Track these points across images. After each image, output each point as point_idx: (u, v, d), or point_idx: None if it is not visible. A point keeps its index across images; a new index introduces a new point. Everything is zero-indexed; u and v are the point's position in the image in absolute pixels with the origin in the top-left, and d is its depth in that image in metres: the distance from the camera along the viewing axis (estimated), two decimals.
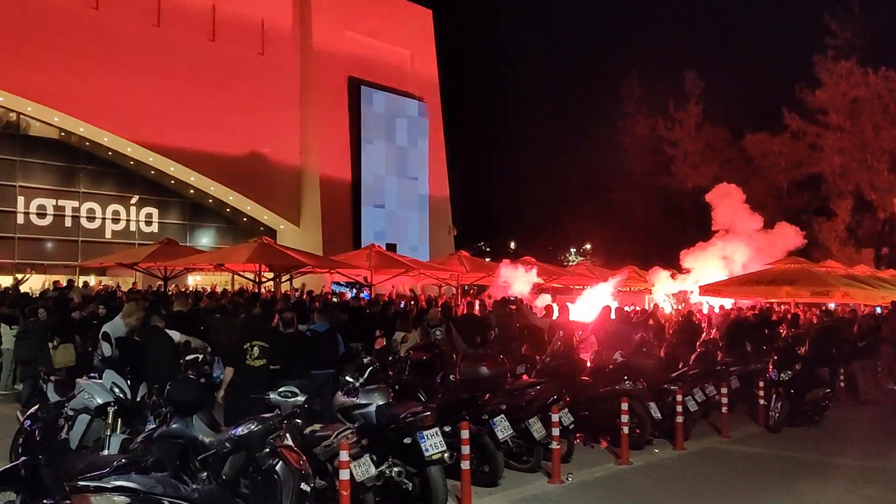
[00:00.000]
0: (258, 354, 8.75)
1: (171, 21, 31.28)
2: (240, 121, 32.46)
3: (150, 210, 33.43)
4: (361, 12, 37.24)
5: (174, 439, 6.93)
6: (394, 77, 39.16)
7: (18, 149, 29.53)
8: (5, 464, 7.40)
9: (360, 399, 8.00)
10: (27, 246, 28.93)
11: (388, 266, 22.19)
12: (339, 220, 35.43)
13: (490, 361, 9.52)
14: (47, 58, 26.96)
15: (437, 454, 7.39)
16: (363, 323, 14.05)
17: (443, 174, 41.47)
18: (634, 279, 25.56)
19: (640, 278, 25.40)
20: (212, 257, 23.36)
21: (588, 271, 27.33)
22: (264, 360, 8.78)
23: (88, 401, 8.24)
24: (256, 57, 34.32)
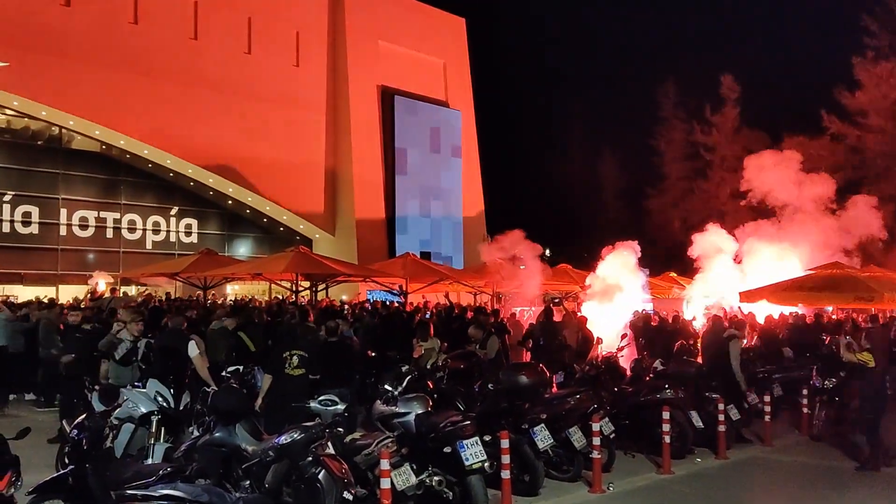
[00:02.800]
0: (297, 363, 8.81)
1: (208, 34, 31.74)
2: (276, 131, 32.79)
3: (190, 221, 33.87)
4: (395, 22, 37.47)
5: (217, 448, 7.00)
6: (427, 86, 39.31)
7: (61, 162, 30.10)
8: (52, 472, 7.53)
9: (400, 408, 8.03)
10: (70, 257, 29.42)
11: (423, 275, 22.23)
12: (374, 229, 35.60)
13: (529, 370, 9.48)
14: (88, 72, 27.49)
15: (477, 463, 7.38)
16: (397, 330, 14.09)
17: (477, 182, 41.49)
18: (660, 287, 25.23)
19: (679, 285, 25.12)
20: (250, 267, 23.59)
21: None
22: (303, 370, 8.83)
23: (133, 410, 8.35)
24: (291, 68, 34.69)
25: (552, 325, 14.26)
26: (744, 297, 18.35)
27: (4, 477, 5.45)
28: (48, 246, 29.04)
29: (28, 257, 28.49)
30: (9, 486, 5.50)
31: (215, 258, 23.51)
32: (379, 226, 36.11)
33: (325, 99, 35.94)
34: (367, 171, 35.89)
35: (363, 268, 23.79)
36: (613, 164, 55.36)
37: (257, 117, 32.29)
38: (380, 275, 22.09)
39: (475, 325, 12.75)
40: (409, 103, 37.91)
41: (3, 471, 5.49)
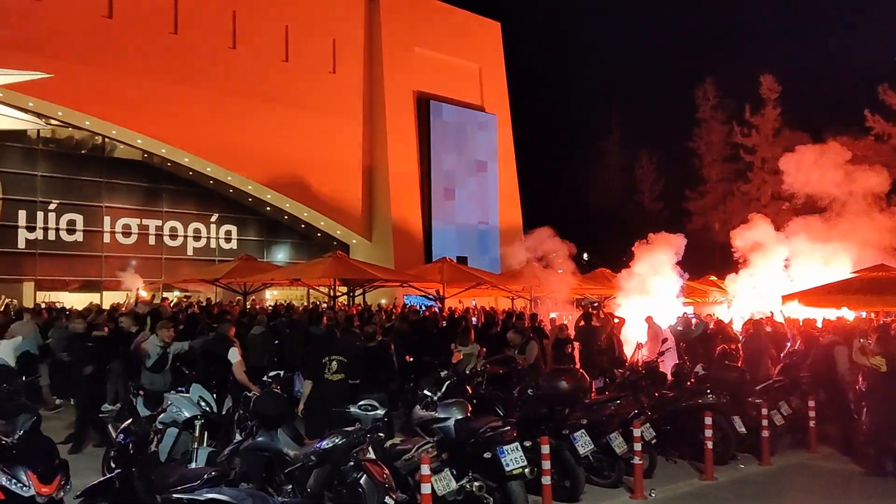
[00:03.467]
0: (336, 369, 8.84)
1: (246, 43, 32.14)
2: (312, 138, 33.09)
3: (229, 227, 34.31)
4: (430, 28, 37.62)
5: (260, 452, 7.07)
6: (463, 91, 39.37)
7: (104, 171, 30.69)
8: (98, 476, 7.66)
9: (439, 413, 8.03)
10: (113, 264, 29.95)
11: (460, 279, 22.23)
12: (411, 234, 35.72)
13: (569, 376, 9.44)
14: (130, 82, 27.99)
15: (517, 469, 7.35)
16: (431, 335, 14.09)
17: (513, 186, 41.42)
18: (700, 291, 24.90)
19: (720, 289, 24.78)
20: (288, 272, 23.79)
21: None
22: (343, 375, 8.86)
23: (177, 414, 8.46)
24: (328, 75, 34.98)
25: (591, 330, 14.16)
26: (787, 300, 18.05)
27: (54, 481, 5.57)
28: (93, 253, 29.59)
29: (73, 264, 29.07)
30: (58, 490, 5.62)
31: (254, 264, 23.78)
32: (415, 231, 36.22)
33: (362, 105, 36.17)
34: (404, 177, 36.03)
35: (400, 273, 23.86)
36: (651, 166, 54.92)
37: (294, 124, 32.62)
38: (416, 280, 22.15)
39: (514, 330, 12.71)
40: (444, 108, 38.00)
41: (53, 475, 5.61)
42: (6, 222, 28.15)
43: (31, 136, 28.91)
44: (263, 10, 32.48)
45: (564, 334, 13.76)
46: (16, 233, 28.39)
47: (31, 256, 28.64)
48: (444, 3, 39.47)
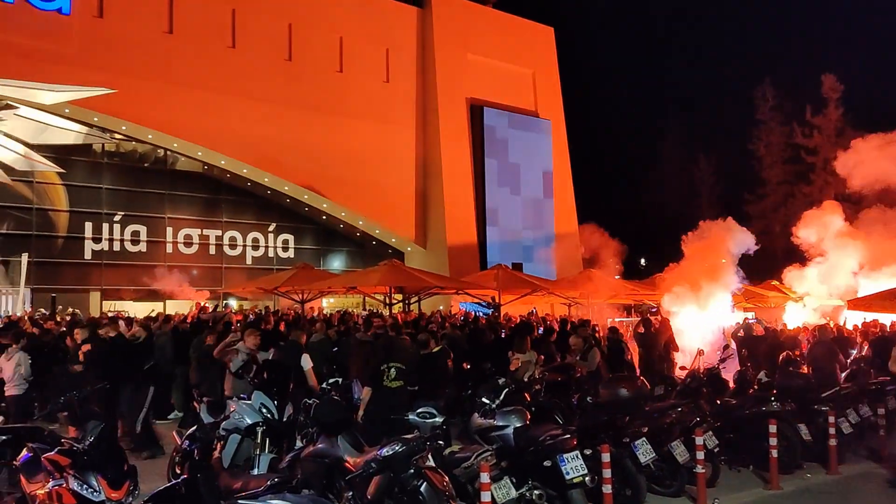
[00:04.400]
0: (395, 376, 8.88)
1: (302, 55, 32.62)
2: (366, 147, 33.38)
3: (287, 236, 34.84)
4: (483, 35, 37.65)
5: (320, 459, 7.13)
6: (516, 97, 39.29)
7: (166, 182, 31.47)
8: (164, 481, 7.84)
9: (498, 421, 8.01)
10: (176, 273, 30.64)
11: (515, 286, 22.15)
12: (465, 241, 35.73)
13: (629, 383, 9.33)
14: (190, 96, 28.64)
15: (578, 477, 7.29)
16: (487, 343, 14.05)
17: (568, 192, 41.14)
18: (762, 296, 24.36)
19: (782, 293, 24.22)
20: (345, 280, 24.03)
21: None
22: (401, 382, 8.90)
23: (239, 421, 8.58)
24: (382, 84, 35.28)
25: (650, 337, 13.97)
26: (852, 305, 17.56)
27: (123, 486, 5.71)
28: (156, 263, 30.31)
29: (137, 274, 29.84)
30: (127, 495, 5.76)
31: (311, 272, 24.09)
32: (470, 237, 36.23)
33: (415, 113, 36.38)
34: (458, 184, 36.10)
35: (455, 280, 23.89)
36: (710, 170, 54.01)
37: (349, 134, 32.97)
38: (472, 287, 22.14)
39: (577, 336, 12.60)
40: (498, 115, 37.96)
41: (122, 480, 5.75)
42: (73, 234, 29.05)
43: (97, 150, 29.80)
44: (318, 22, 32.92)
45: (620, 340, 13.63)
46: (82, 244, 29.29)
47: (97, 267, 29.48)
48: (496, 10, 39.49)
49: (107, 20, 27.64)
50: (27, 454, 6.25)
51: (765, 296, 24.46)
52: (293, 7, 32.22)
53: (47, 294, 27.13)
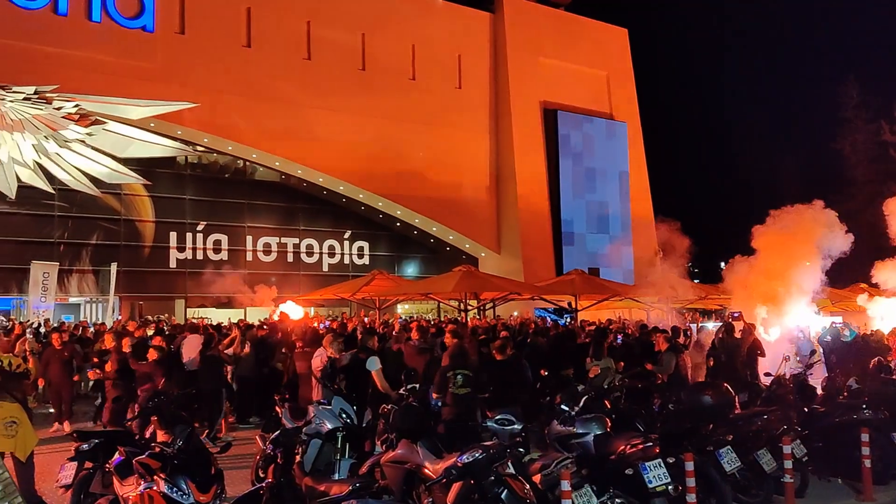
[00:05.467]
0: (462, 383, 8.90)
1: (374, 64, 33.04)
2: (440, 153, 33.58)
3: (362, 244, 35.29)
4: (555, 38, 37.44)
5: (400, 465, 7.17)
6: (590, 99, 38.94)
7: (245, 192, 32.28)
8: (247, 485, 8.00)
9: (577, 428, 7.90)
10: (256, 281, 31.34)
11: (593, 291, 21.89)
12: (540, 246, 35.53)
13: (713, 390, 9.08)
14: (268, 108, 29.34)
15: (661, 486, 7.13)
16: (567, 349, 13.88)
17: (645, 195, 40.51)
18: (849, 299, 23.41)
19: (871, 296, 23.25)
20: (420, 287, 24.13)
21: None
22: (468, 388, 8.91)
23: (319, 426, 8.71)
24: (454, 91, 35.43)
25: (733, 342, 13.59)
26: None
27: (211, 490, 5.85)
28: (237, 271, 31.10)
29: (219, 282, 30.62)
30: (214, 498, 5.90)
31: (387, 279, 24.27)
32: (545, 242, 36.01)
33: (488, 118, 36.40)
34: (532, 188, 35.94)
35: (531, 286, 23.74)
36: (792, 169, 52.42)
37: (422, 141, 33.21)
38: (548, 292, 21.98)
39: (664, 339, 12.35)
40: (572, 118, 37.67)
41: (210, 484, 5.89)
42: (159, 243, 30.04)
43: (180, 161, 30.77)
44: (390, 32, 33.30)
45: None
46: (167, 253, 30.25)
47: (181, 275, 30.40)
48: (568, 13, 39.24)
49: (188, 36, 28.56)
50: (119, 457, 6.47)
51: (851, 298, 23.54)
52: (366, 18, 32.67)
53: (135, 302, 28.13)
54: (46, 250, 26.42)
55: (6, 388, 8.33)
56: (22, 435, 8.11)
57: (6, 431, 7.84)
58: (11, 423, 7.97)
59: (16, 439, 7.98)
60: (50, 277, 23.67)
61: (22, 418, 8.24)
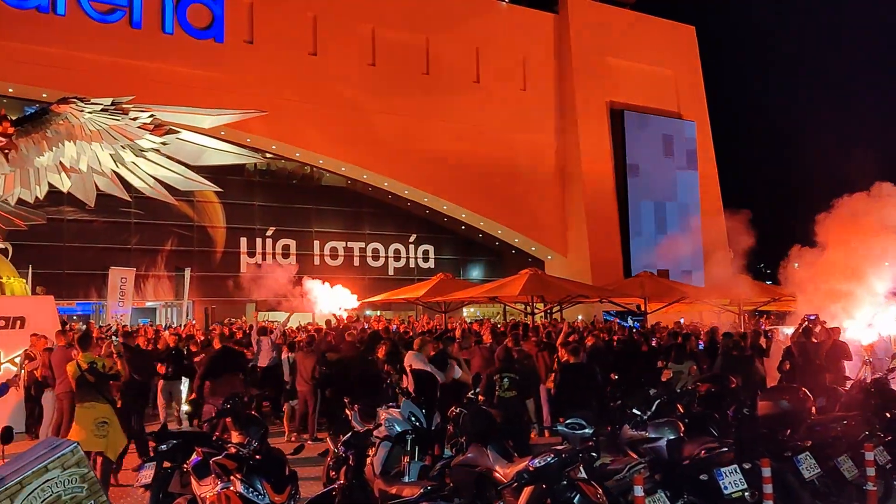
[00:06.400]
0: (508, 386, 8.90)
1: (438, 68, 33.20)
2: (504, 156, 33.50)
3: (427, 247, 35.49)
4: (621, 38, 37.02)
5: (470, 468, 7.16)
6: (658, 98, 38.37)
7: (313, 198, 32.82)
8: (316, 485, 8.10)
9: (650, 433, 7.78)
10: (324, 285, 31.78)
11: (662, 294, 21.52)
12: (608, 248, 35.14)
13: (790, 394, 8.83)
14: (334, 114, 29.75)
15: (737, 492, 6.98)
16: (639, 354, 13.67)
17: (715, 194, 39.68)
18: None
19: None
20: (486, 290, 24.09)
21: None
22: (515, 392, 8.89)
23: (389, 429, 8.76)
24: (519, 93, 35.34)
25: (811, 345, 13.18)
26: None
27: (285, 491, 5.94)
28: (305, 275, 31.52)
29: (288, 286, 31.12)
30: (289, 499, 5.99)
31: (452, 282, 24.30)
32: (613, 244, 35.60)
33: (553, 120, 36.20)
34: (599, 190, 35.58)
35: (598, 288, 23.46)
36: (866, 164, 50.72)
37: (487, 143, 33.19)
38: (616, 295, 21.69)
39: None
40: (639, 118, 37.20)
41: (284, 485, 5.99)
42: (230, 249, 30.74)
43: (249, 168, 31.43)
44: (454, 36, 33.42)
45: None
46: (238, 258, 30.92)
47: (251, 279, 30.99)
48: (634, 12, 38.75)
49: (256, 46, 29.18)
50: (197, 458, 6.62)
51: None
52: (429, 22, 32.86)
53: (207, 306, 28.82)
54: (124, 256, 27.30)
55: (99, 389, 8.62)
56: (112, 435, 8.38)
57: (98, 431, 8.11)
58: (103, 424, 8.24)
59: (107, 439, 8.25)
60: (127, 282, 24.44)
61: (112, 419, 8.52)
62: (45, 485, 4.59)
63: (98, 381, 8.62)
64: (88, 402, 8.46)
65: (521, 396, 8.99)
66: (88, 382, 8.52)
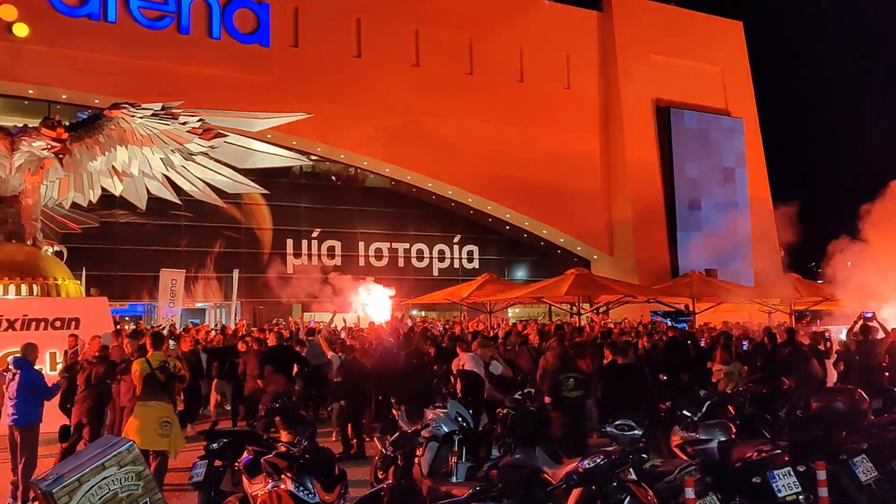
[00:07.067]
0: (573, 386, 8.81)
1: (482, 68, 33.17)
2: (548, 155, 33.31)
3: (471, 247, 35.45)
4: (666, 34, 36.57)
5: (518, 469, 7.12)
6: (705, 95, 37.81)
7: (357, 199, 33.03)
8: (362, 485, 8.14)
9: (700, 434, 7.67)
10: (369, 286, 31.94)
11: (711, 293, 21.23)
12: (654, 247, 34.74)
13: (845, 396, 8.63)
14: (377, 115, 29.88)
15: (791, 495, 6.84)
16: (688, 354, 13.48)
17: (764, 192, 38.94)
18: None
19: None
20: (532, 291, 24.01)
21: None
22: (581, 391, 8.80)
23: (436, 429, 8.76)
24: (562, 91, 35.13)
25: (869, 344, 12.85)
26: None
27: (335, 489, 5.98)
28: (350, 276, 31.76)
29: (333, 287, 31.39)
30: (339, 498, 6.02)
31: (497, 283, 24.28)
32: (660, 243, 35.18)
33: (598, 118, 35.93)
34: (644, 188, 35.20)
35: (646, 288, 23.26)
36: None
37: (531, 142, 33.05)
38: (664, 295, 21.47)
39: None
40: (685, 115, 36.72)
41: (334, 483, 6.03)
42: (277, 250, 31.10)
43: (295, 171, 31.75)
44: (497, 35, 33.34)
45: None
46: (285, 259, 31.26)
47: (298, 280, 31.31)
48: (679, 7, 38.27)
49: (301, 49, 29.50)
50: (248, 456, 6.71)
51: None
52: (473, 22, 32.84)
53: (255, 307, 29.19)
54: (174, 258, 27.79)
55: (166, 389, 8.77)
56: (175, 435, 8.54)
57: (161, 431, 8.26)
58: (166, 423, 8.40)
59: (170, 439, 8.40)
60: (177, 284, 24.84)
61: (174, 419, 8.69)
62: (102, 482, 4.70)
63: (168, 381, 8.77)
64: (154, 402, 8.57)
65: (585, 397, 8.91)
66: (157, 381, 8.64)
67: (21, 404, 8.62)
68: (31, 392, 8.66)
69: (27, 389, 8.65)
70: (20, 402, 8.62)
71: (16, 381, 8.69)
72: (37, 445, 8.78)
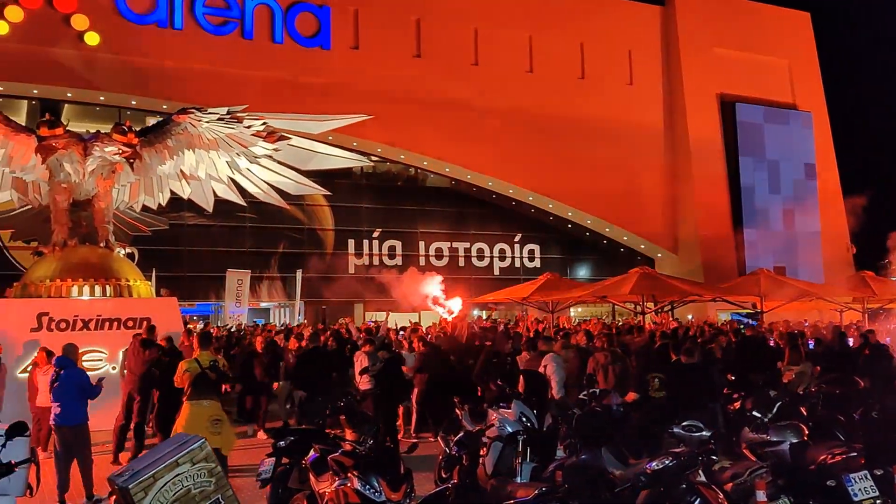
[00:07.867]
0: (659, 386, 8.66)
1: (542, 65, 32.97)
2: (611, 152, 32.93)
3: (532, 246, 35.26)
4: (731, 27, 35.80)
5: (584, 470, 7.05)
6: (771, 89, 36.90)
7: (418, 199, 33.18)
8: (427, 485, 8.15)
9: (771, 436, 7.49)
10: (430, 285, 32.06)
11: (780, 291, 20.68)
12: (720, 245, 34.02)
13: None
14: (437, 115, 29.93)
15: (867, 500, 6.61)
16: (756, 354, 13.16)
17: (835, 187, 37.81)
18: None
19: None
20: (595, 290, 23.76)
21: None
22: (665, 392, 8.64)
23: (500, 429, 8.73)
24: (625, 87, 34.70)
25: None
26: None
27: (401, 488, 6.01)
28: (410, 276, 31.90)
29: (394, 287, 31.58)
30: (405, 497, 6.04)
31: (559, 282, 24.10)
32: (725, 241, 34.45)
33: (661, 114, 35.38)
34: (709, 185, 34.53)
35: (713, 287, 22.78)
36: None
37: (593, 140, 32.70)
38: (730, 293, 21.01)
39: None
40: (751, 109, 35.91)
41: (400, 482, 6.06)
42: (338, 250, 31.45)
43: (356, 172, 32.04)
44: (558, 32, 33.11)
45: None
46: (346, 259, 31.60)
47: (360, 280, 31.63)
48: (744, 0, 37.41)
49: (362, 51, 29.77)
50: (314, 454, 6.79)
51: None
52: (532, 19, 32.67)
53: (318, 307, 29.57)
54: (239, 259, 28.34)
55: (216, 388, 8.93)
56: (226, 433, 8.69)
57: (213, 429, 8.39)
58: (217, 422, 8.54)
59: (222, 437, 8.55)
60: (243, 284, 25.34)
61: (224, 417, 8.83)
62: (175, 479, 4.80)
63: (218, 380, 8.91)
64: (206, 400, 8.64)
65: (670, 397, 8.78)
66: (207, 380, 8.72)
67: (68, 403, 8.59)
68: (77, 391, 8.66)
69: (73, 388, 8.64)
70: (67, 402, 8.59)
71: (60, 382, 8.67)
72: (90, 442, 8.87)
